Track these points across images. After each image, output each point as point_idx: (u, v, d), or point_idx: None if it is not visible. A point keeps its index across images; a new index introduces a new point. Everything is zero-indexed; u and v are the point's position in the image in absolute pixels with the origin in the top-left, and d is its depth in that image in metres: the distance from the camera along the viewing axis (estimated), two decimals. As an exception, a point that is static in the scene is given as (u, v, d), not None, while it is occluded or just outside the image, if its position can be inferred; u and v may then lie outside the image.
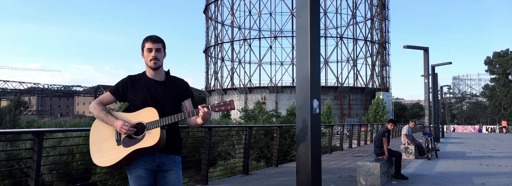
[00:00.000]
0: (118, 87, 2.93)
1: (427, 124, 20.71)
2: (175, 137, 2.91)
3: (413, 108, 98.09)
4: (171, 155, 2.87)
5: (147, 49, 2.86)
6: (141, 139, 2.70)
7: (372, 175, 6.94)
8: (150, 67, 2.88)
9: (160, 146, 2.70)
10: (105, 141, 2.80)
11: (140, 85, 2.89)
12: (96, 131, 2.87)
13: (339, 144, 16.82)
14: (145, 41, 2.88)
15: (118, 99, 2.94)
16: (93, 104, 2.92)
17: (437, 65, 23.93)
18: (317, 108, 3.52)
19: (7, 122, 48.56)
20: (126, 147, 2.71)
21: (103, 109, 2.87)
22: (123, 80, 2.95)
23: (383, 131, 8.42)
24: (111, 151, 2.75)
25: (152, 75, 2.91)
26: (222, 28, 75.34)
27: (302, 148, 3.48)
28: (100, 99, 2.97)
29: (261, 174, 8.70)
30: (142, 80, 2.91)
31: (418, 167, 10.32)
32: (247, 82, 71.28)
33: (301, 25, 3.56)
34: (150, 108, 2.76)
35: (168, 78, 2.95)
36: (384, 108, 48.58)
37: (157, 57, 2.85)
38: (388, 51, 74.74)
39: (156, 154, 2.80)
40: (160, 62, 2.88)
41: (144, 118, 2.75)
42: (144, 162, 2.79)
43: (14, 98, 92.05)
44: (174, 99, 2.90)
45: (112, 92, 2.94)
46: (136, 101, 2.86)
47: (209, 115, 2.68)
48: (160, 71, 2.92)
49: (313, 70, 3.54)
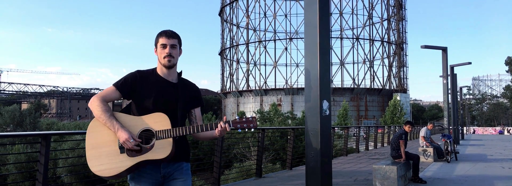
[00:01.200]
0: (127, 81, 2.54)
1: (446, 125, 20.26)
2: (184, 143, 2.63)
3: (431, 109, 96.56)
4: (178, 163, 2.57)
5: (161, 45, 2.55)
6: (149, 149, 2.38)
7: (388, 179, 6.72)
8: (163, 65, 2.55)
9: (169, 158, 2.42)
10: (105, 146, 2.43)
11: (151, 83, 2.55)
12: (95, 133, 2.47)
13: (355, 146, 16.55)
14: (159, 36, 2.57)
15: (123, 95, 2.54)
16: (95, 101, 2.49)
17: (456, 65, 23.43)
18: (327, 109, 3.34)
19: (28, 124, 49.60)
20: (132, 157, 2.38)
21: (107, 110, 2.45)
22: (132, 74, 2.57)
23: (400, 133, 8.19)
24: (112, 159, 2.39)
25: (164, 75, 2.58)
26: (237, 30, 75.52)
27: (311, 151, 3.31)
28: (103, 94, 2.54)
29: (274, 177, 8.55)
30: (152, 78, 2.57)
31: (437, 170, 10.03)
32: (262, 84, 71.21)
33: (309, 22, 3.39)
34: (161, 114, 2.44)
35: (180, 80, 2.65)
36: (402, 110, 47.89)
37: (171, 54, 2.53)
38: (406, 52, 73.75)
39: (161, 164, 2.50)
40: (174, 60, 2.56)
41: (153, 124, 2.42)
42: (149, 174, 2.49)
43: (34, 101, 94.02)
44: (187, 105, 2.61)
45: (118, 87, 2.53)
46: (144, 102, 2.51)
47: (225, 132, 2.41)
48: (173, 71, 2.61)
49: (323, 69, 3.37)
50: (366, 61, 70.84)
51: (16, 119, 49.08)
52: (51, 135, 4.38)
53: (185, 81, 2.68)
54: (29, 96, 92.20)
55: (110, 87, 2.55)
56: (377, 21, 72.99)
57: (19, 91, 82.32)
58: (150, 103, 2.49)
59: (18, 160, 15.04)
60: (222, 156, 7.13)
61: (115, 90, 2.53)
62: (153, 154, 2.37)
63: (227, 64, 77.21)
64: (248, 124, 2.43)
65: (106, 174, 2.40)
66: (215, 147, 7.22)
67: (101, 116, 2.43)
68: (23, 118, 49.51)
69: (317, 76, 3.33)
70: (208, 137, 2.58)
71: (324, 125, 3.35)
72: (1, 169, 16.44)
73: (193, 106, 2.67)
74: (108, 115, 2.44)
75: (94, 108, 2.47)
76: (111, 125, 2.40)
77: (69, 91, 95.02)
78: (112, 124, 2.40)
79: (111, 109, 2.51)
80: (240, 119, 2.43)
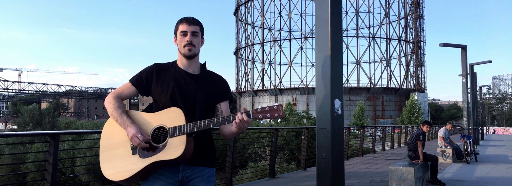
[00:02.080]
0: (142, 76, 2.35)
1: (465, 125, 19.84)
2: (207, 144, 2.33)
3: (450, 109, 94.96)
4: (200, 168, 2.27)
5: (181, 33, 2.31)
6: (161, 148, 2.13)
7: (405, 181, 6.51)
8: (184, 55, 2.31)
9: (185, 159, 2.13)
10: (117, 147, 2.24)
11: (168, 76, 2.32)
12: (108, 133, 2.30)
13: (371, 146, 16.27)
14: (179, 23, 2.33)
15: (140, 91, 2.35)
16: (109, 98, 2.33)
17: (475, 64, 22.94)
18: (339, 108, 3.15)
19: (46, 123, 50.49)
20: (143, 158, 2.14)
21: (118, 107, 2.28)
22: (149, 69, 2.37)
23: (418, 133, 7.95)
24: (124, 162, 2.19)
25: (184, 66, 2.35)
26: (253, 29, 75.43)
27: (322, 153, 3.13)
28: (118, 91, 2.38)
29: (288, 177, 8.41)
30: (171, 70, 2.35)
31: (456, 171, 9.74)
32: (277, 84, 70.98)
33: (320, 17, 3.19)
34: (175, 109, 2.18)
35: (203, 72, 2.39)
36: (419, 109, 47.13)
37: (193, 42, 2.30)
38: (423, 51, 72.54)
39: (180, 166, 2.24)
40: (196, 50, 2.32)
41: (167, 121, 2.17)
42: (164, 176, 2.23)
43: (53, 100, 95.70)
44: (209, 99, 2.32)
45: (133, 82, 2.35)
46: (160, 97, 2.30)
47: (247, 124, 2.07)
48: (195, 61, 2.36)
49: (335, 66, 3.17)
50: (383, 60, 69.96)
51: (35, 118, 50.02)
52: (60, 134, 4.33)
53: (209, 73, 2.42)
54: (48, 95, 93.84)
55: (126, 84, 2.38)
56: (394, 20, 72.00)
57: (38, 91, 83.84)
58: (167, 98, 2.27)
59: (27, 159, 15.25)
60: (234, 156, 7.01)
61: (130, 86, 2.36)
62: (164, 154, 2.11)
63: (242, 64, 77.22)
64: (272, 113, 2.05)
65: (117, 178, 2.19)
66: (227, 147, 7.11)
67: (113, 112, 2.26)
68: (42, 117, 50.42)
69: (328, 73, 3.14)
70: (234, 132, 2.22)
71: (336, 125, 3.16)
72: (13, 168, 16.68)
73: (218, 100, 2.38)
74: (119, 111, 2.25)
75: (107, 105, 2.32)
76: (122, 121, 2.21)
77: (87, 91, 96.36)
78: (122, 120, 2.21)
79: (125, 106, 2.33)
80: (263, 108, 2.07)
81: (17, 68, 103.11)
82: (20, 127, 49.65)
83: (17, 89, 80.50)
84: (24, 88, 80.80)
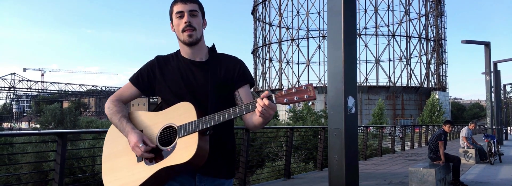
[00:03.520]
0: (142, 74, 1.99)
1: (488, 125, 19.27)
2: (228, 148, 1.94)
3: (472, 108, 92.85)
4: (220, 180, 1.90)
5: (177, 14, 1.89)
6: (170, 151, 1.77)
7: (426, 183, 6.25)
8: (184, 42, 1.91)
9: (199, 162, 1.74)
10: (120, 156, 1.92)
11: (171, 69, 1.96)
12: (111, 141, 2.00)
13: (391, 146, 15.92)
14: (173, 4, 1.92)
15: (142, 91, 2.01)
16: (107, 102, 2.02)
17: (499, 61, 22.27)
18: (352, 106, 2.90)
19: (68, 122, 51.50)
20: (149, 165, 1.79)
21: (117, 111, 1.95)
22: (150, 63, 2.00)
23: (439, 133, 7.65)
24: (128, 171, 1.85)
25: (188, 55, 1.96)
26: (270, 28, 75.19)
27: (334, 154, 2.90)
28: (118, 93, 2.04)
29: (304, 178, 8.23)
30: (174, 62, 1.98)
31: (480, 173, 9.38)
32: (295, 83, 70.58)
33: (332, 9, 2.96)
34: (184, 103, 1.82)
35: (212, 57, 1.98)
36: (441, 108, 46.15)
37: (192, 24, 1.87)
38: (445, 49, 71.02)
39: (196, 175, 1.87)
40: (197, 33, 1.90)
41: (176, 118, 1.81)
42: (178, 182, 1.88)
43: (74, 100, 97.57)
44: (222, 87, 1.93)
45: (134, 81, 2.01)
46: (166, 93, 1.95)
47: (272, 110, 1.62)
48: (200, 47, 1.95)
49: (348, 61, 2.95)
50: (403, 58, 68.78)
51: (57, 117, 51.03)
52: (67, 134, 4.26)
53: (219, 56, 2.00)
54: (70, 94, 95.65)
55: (127, 84, 2.03)
56: (414, 17, 70.68)
57: (60, 90, 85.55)
58: (172, 93, 1.93)
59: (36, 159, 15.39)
60: (248, 155, 6.87)
61: (131, 86, 2.01)
62: (173, 158, 1.74)
63: (260, 63, 77.12)
64: (300, 95, 1.59)
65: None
66: (241, 147, 6.96)
67: (112, 119, 1.94)
68: (64, 116, 51.42)
69: (341, 69, 2.91)
70: (260, 122, 1.79)
71: (350, 125, 2.92)
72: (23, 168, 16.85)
73: (234, 86, 1.97)
74: (118, 116, 1.92)
75: (106, 111, 1.99)
76: (122, 128, 1.88)
77: (107, 90, 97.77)
78: (122, 127, 1.88)
79: (126, 109, 1.99)
80: (288, 90, 1.61)
81: (40, 68, 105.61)
82: (43, 126, 50.73)
83: (40, 89, 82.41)
84: (46, 88, 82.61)
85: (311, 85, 1.62)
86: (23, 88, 79.62)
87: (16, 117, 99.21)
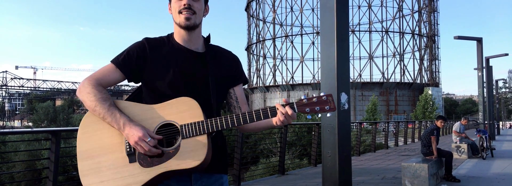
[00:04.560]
0: (130, 56, 1.72)
1: (481, 120, 19.44)
2: (219, 145, 1.80)
3: (465, 103, 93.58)
4: (216, 175, 1.79)
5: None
6: (173, 153, 1.57)
7: (419, 178, 6.31)
8: (180, 25, 1.71)
9: (205, 166, 1.60)
10: (106, 153, 1.63)
11: (165, 54, 1.73)
12: (90, 134, 1.66)
13: (384, 141, 16.03)
14: None
15: (127, 76, 1.73)
16: (86, 86, 1.67)
17: (491, 57, 22.44)
18: (345, 103, 2.93)
19: (61, 120, 51.18)
20: (147, 167, 1.57)
21: (104, 98, 1.65)
22: (138, 45, 1.74)
23: (432, 129, 7.71)
24: (118, 173, 1.59)
25: (184, 41, 1.76)
26: (264, 25, 75.12)
27: (328, 150, 2.93)
28: (97, 76, 1.71)
29: (297, 174, 8.27)
30: (167, 47, 1.75)
31: (472, 168, 9.48)
32: (289, 79, 70.69)
33: (325, 5, 2.97)
34: (188, 99, 1.62)
35: (209, 48, 1.81)
36: (434, 104, 46.45)
37: (192, 7, 1.69)
38: (438, 45, 71.42)
39: (192, 175, 1.73)
40: (196, 18, 1.72)
41: (175, 115, 1.61)
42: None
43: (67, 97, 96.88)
44: (222, 83, 1.79)
45: (118, 64, 1.72)
46: (157, 83, 1.71)
47: (292, 119, 1.57)
48: (197, 34, 1.77)
49: (341, 58, 2.97)
50: (396, 54, 69.08)
51: (50, 115, 50.78)
52: (61, 132, 4.25)
53: (217, 49, 1.85)
54: (63, 92, 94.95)
55: (107, 66, 1.74)
56: (407, 14, 70.91)
57: (53, 88, 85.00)
58: (165, 84, 1.70)
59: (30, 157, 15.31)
60: (242, 152, 6.89)
61: (114, 69, 1.72)
62: (179, 161, 1.56)
63: (254, 60, 77.06)
64: (322, 106, 1.56)
65: None
66: (235, 143, 6.98)
67: (97, 107, 1.62)
68: (57, 114, 51.15)
69: (334, 65, 2.94)
70: (262, 127, 1.75)
71: (343, 121, 2.96)
72: (16, 166, 16.76)
73: (231, 84, 1.84)
74: (106, 105, 1.62)
75: (84, 96, 1.66)
76: (114, 119, 1.59)
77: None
78: (114, 118, 1.59)
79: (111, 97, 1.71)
80: (309, 100, 1.57)
81: (32, 66, 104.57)
82: (35, 124, 50.40)
83: (32, 87, 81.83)
84: (39, 86, 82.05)
85: (331, 95, 1.59)
86: (15, 86, 79.05)
87: (8, 115, 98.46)
